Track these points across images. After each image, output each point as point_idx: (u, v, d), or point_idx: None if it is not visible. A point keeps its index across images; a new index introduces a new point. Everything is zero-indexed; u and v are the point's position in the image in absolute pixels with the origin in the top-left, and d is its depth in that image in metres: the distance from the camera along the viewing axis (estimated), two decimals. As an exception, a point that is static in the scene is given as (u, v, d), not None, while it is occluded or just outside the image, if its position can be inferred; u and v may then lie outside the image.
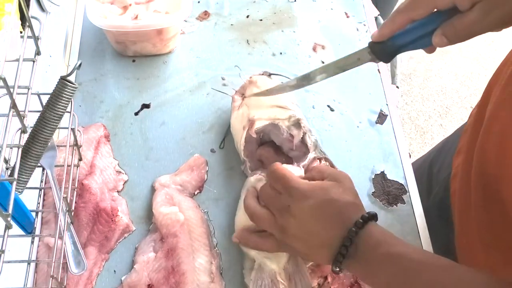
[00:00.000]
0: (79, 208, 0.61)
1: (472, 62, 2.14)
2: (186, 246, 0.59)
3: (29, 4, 0.66)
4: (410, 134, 1.97)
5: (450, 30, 0.48)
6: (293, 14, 0.88)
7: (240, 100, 0.68)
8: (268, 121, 0.63)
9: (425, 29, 0.51)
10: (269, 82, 0.68)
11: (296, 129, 0.63)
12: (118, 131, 0.72)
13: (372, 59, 0.55)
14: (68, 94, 0.44)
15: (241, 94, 0.69)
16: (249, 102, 0.66)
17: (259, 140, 0.66)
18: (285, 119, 0.63)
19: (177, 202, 0.64)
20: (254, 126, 0.63)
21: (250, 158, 0.65)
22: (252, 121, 0.64)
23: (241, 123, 0.65)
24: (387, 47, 0.54)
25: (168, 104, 0.75)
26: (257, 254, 0.59)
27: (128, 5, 0.75)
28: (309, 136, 0.64)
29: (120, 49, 0.78)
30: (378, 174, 0.71)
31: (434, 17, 0.50)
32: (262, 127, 0.63)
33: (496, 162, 0.54)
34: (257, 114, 0.64)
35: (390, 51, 0.54)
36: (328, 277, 0.60)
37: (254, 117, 0.64)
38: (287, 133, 0.63)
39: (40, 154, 0.45)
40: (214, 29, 0.85)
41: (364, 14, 0.90)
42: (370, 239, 0.48)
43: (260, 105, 0.65)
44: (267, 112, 0.64)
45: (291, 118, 0.63)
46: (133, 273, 0.59)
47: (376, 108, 0.78)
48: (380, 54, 0.54)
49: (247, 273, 0.60)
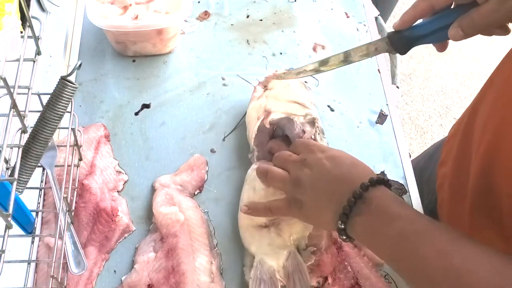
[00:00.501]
0: (79, 208, 0.61)
1: (472, 62, 2.14)
2: (186, 246, 0.59)
3: (29, 4, 0.67)
4: (410, 134, 1.97)
5: (466, 22, 0.49)
6: (293, 14, 0.88)
7: (262, 91, 0.69)
8: (284, 114, 0.64)
9: (443, 21, 0.52)
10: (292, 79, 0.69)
11: (310, 127, 0.64)
12: (118, 131, 0.72)
13: (389, 50, 0.56)
14: (68, 94, 0.44)
15: (263, 86, 0.70)
16: (269, 94, 0.67)
17: (272, 132, 0.67)
18: (301, 116, 0.64)
19: (177, 202, 0.64)
20: (270, 117, 0.64)
21: (260, 148, 0.66)
22: (269, 112, 0.65)
23: (257, 113, 0.66)
24: (405, 38, 0.55)
25: (168, 104, 0.75)
26: (257, 250, 0.59)
27: (128, 5, 0.75)
28: (322, 138, 0.65)
29: (120, 49, 0.78)
30: (378, 174, 0.71)
31: (453, 11, 0.51)
32: (277, 119, 0.64)
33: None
34: (274, 106, 0.65)
35: (407, 42, 0.55)
36: (329, 278, 0.60)
37: (271, 108, 0.65)
38: (299, 129, 0.64)
39: (40, 154, 0.45)
40: (214, 29, 0.85)
41: (364, 14, 0.90)
42: (382, 199, 0.48)
43: (279, 99, 0.66)
44: (285, 106, 0.65)
45: (307, 116, 0.65)
46: (133, 273, 0.59)
47: (376, 108, 0.78)
48: (398, 45, 0.55)
49: (247, 271, 0.60)
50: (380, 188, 0.49)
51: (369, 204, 0.48)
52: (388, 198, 0.48)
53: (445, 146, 0.73)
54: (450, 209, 0.66)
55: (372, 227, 0.47)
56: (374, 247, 0.49)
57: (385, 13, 1.50)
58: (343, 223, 0.49)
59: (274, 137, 0.67)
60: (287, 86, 0.68)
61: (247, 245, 0.60)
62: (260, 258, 0.59)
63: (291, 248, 0.59)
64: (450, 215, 0.66)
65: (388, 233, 0.46)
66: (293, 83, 0.69)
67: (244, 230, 0.61)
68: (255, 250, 0.59)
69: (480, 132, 0.57)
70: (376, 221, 0.47)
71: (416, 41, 0.55)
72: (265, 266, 0.58)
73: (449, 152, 0.69)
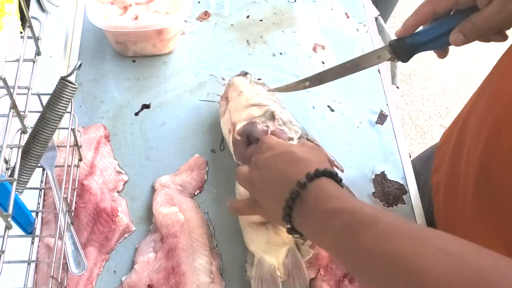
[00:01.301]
0: (79, 208, 0.61)
1: (472, 62, 2.14)
2: (186, 247, 0.59)
3: (29, 4, 0.66)
4: (410, 134, 1.97)
5: (468, 26, 0.49)
6: (293, 15, 0.88)
7: (225, 105, 0.68)
8: (246, 121, 0.64)
9: (444, 27, 0.52)
10: (243, 82, 0.68)
11: (270, 121, 0.64)
12: (118, 132, 0.72)
13: (392, 58, 0.56)
14: (68, 94, 0.44)
15: (225, 99, 0.69)
16: (230, 107, 0.67)
17: (246, 141, 0.66)
18: (261, 116, 0.64)
19: (177, 202, 0.64)
20: (236, 129, 0.64)
21: (243, 161, 0.65)
22: (234, 124, 0.65)
23: (227, 128, 0.67)
24: (407, 45, 0.55)
25: (168, 104, 0.75)
26: (257, 248, 0.59)
27: (128, 6, 0.75)
28: (289, 127, 0.64)
29: (120, 49, 0.78)
30: (378, 174, 0.71)
31: (454, 17, 0.52)
32: (242, 128, 0.64)
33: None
34: (236, 117, 0.65)
35: (409, 49, 0.55)
36: (320, 270, 0.61)
37: (234, 120, 0.65)
38: (263, 127, 0.63)
39: (40, 154, 0.45)
40: (214, 29, 0.85)
41: (364, 14, 0.90)
42: (321, 194, 0.46)
43: (238, 108, 0.66)
44: (244, 113, 0.65)
45: (266, 113, 0.64)
46: (133, 274, 0.59)
47: (376, 109, 0.78)
48: (400, 52, 0.55)
49: (249, 267, 0.60)
50: (318, 182, 0.47)
51: (307, 201, 0.46)
52: (325, 192, 0.46)
53: (437, 152, 0.73)
54: (447, 215, 0.66)
55: (313, 226, 0.46)
56: (322, 245, 0.48)
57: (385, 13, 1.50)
58: (289, 223, 0.48)
59: (250, 142, 0.66)
60: (241, 93, 0.67)
61: (247, 244, 0.61)
62: (260, 256, 0.59)
63: (290, 244, 0.60)
64: (447, 221, 0.66)
65: (329, 229, 0.44)
66: (244, 87, 0.67)
67: (243, 229, 0.62)
68: (254, 249, 0.60)
69: (475, 133, 0.57)
70: (316, 219, 0.45)
71: (418, 48, 0.55)
72: (265, 264, 0.58)
73: (443, 158, 0.69)
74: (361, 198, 0.69)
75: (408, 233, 0.38)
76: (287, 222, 0.48)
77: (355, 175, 0.71)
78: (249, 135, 0.65)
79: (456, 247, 0.36)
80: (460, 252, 0.35)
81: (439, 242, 0.37)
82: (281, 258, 0.59)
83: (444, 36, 0.52)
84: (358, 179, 0.70)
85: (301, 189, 0.47)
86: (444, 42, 0.53)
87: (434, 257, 0.35)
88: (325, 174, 0.48)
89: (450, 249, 0.35)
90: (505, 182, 0.50)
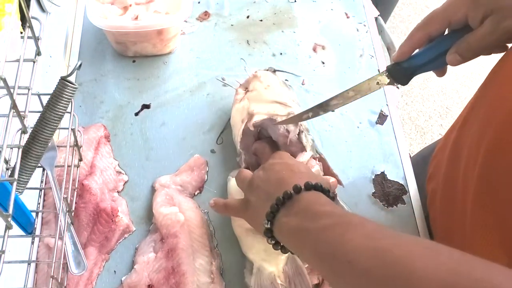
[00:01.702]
0: (79, 208, 0.61)
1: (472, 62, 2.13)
2: (186, 247, 0.59)
3: (29, 4, 0.66)
4: (410, 134, 1.97)
5: (463, 46, 0.50)
6: (293, 15, 0.88)
7: (243, 93, 0.69)
8: (267, 115, 0.64)
9: (440, 48, 0.52)
10: (273, 78, 0.69)
11: (293, 125, 0.64)
12: (118, 132, 0.72)
13: (391, 82, 0.57)
14: (68, 94, 0.44)
15: (244, 88, 0.70)
16: (251, 96, 0.67)
17: (257, 134, 0.67)
18: (283, 115, 0.64)
19: (177, 202, 0.64)
20: (253, 119, 0.64)
21: (246, 151, 0.66)
22: (251, 115, 0.64)
23: (240, 116, 0.66)
24: (405, 69, 0.55)
25: (168, 104, 0.75)
26: (255, 256, 0.59)
27: (128, 6, 0.75)
28: (306, 135, 0.65)
29: (120, 49, 0.78)
30: (378, 174, 0.71)
31: (449, 37, 0.52)
32: (260, 121, 0.64)
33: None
34: (256, 108, 0.65)
35: (407, 73, 0.55)
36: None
37: (253, 110, 0.65)
38: (283, 129, 0.64)
39: (40, 154, 0.45)
40: (214, 29, 0.85)
41: (364, 14, 0.90)
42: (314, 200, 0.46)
43: (261, 100, 0.66)
44: (267, 107, 0.65)
45: (289, 115, 0.64)
46: (133, 274, 0.59)
47: (376, 109, 0.78)
48: (398, 76, 0.56)
49: (247, 273, 0.60)
50: (314, 192, 0.47)
51: (298, 204, 0.46)
52: (320, 200, 0.46)
53: (432, 161, 0.72)
54: (444, 225, 0.64)
55: (298, 225, 0.45)
56: (298, 246, 0.46)
57: (385, 13, 1.50)
58: (270, 223, 0.47)
59: (260, 138, 0.67)
60: (268, 87, 0.67)
61: (245, 252, 0.60)
62: (259, 264, 0.58)
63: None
64: (445, 231, 0.64)
65: (313, 228, 0.43)
66: (273, 83, 0.68)
67: (239, 236, 0.61)
68: (253, 257, 0.59)
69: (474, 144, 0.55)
70: (302, 219, 0.45)
71: (415, 71, 0.55)
72: (265, 272, 0.58)
73: (437, 168, 0.68)
74: (361, 198, 0.69)
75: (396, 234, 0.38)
76: (268, 222, 0.47)
77: (355, 175, 0.71)
78: (262, 130, 0.65)
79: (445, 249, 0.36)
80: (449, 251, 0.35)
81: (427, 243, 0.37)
82: (280, 265, 0.58)
83: (441, 57, 0.52)
84: (358, 179, 0.70)
85: (295, 193, 0.47)
86: (441, 63, 0.53)
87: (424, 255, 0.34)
88: (323, 190, 0.48)
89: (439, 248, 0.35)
90: (508, 194, 0.49)
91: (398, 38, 2.15)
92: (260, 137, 0.67)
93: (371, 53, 0.85)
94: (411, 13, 2.26)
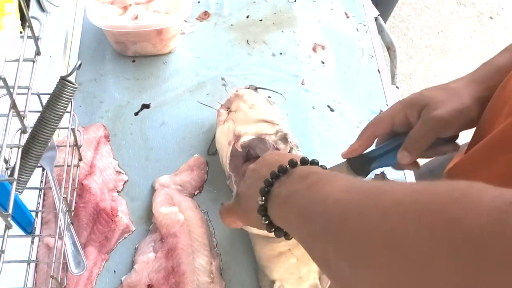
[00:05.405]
0: (79, 208, 0.61)
1: (472, 62, 2.14)
2: (186, 247, 0.59)
3: (29, 4, 0.67)
4: (410, 134, 1.97)
5: (408, 141, 0.52)
6: (293, 15, 0.88)
7: (226, 114, 0.67)
8: (255, 135, 0.62)
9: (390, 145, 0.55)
10: (257, 96, 0.67)
11: (283, 144, 0.62)
12: (118, 131, 0.72)
13: (352, 173, 0.57)
14: (68, 94, 0.44)
15: (226, 108, 0.68)
16: (235, 117, 0.65)
17: (245, 155, 0.65)
18: (272, 134, 0.63)
19: (177, 202, 0.64)
20: (240, 141, 0.62)
21: (236, 173, 0.64)
22: (239, 136, 0.63)
23: (226, 138, 0.64)
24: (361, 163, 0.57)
25: (168, 104, 0.75)
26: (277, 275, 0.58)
27: (128, 5, 0.75)
28: (296, 152, 0.63)
29: (120, 49, 0.78)
30: (378, 174, 0.71)
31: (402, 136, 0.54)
32: (248, 142, 0.62)
33: None
34: (244, 129, 0.63)
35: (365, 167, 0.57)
36: None
37: (240, 131, 0.63)
38: (273, 148, 0.62)
39: (40, 154, 0.45)
40: (214, 29, 0.85)
41: (364, 14, 0.90)
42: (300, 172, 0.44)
43: (247, 121, 0.64)
44: (254, 127, 0.63)
45: (278, 133, 0.63)
46: (133, 273, 0.59)
47: (376, 109, 0.78)
48: (357, 168, 0.57)
49: None
50: (310, 166, 0.45)
51: (293, 175, 0.44)
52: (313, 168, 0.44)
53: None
54: None
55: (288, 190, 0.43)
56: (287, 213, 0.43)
57: (385, 13, 1.50)
58: (264, 199, 0.45)
59: (248, 159, 0.66)
60: (253, 106, 0.65)
61: (268, 272, 0.59)
62: (281, 284, 0.58)
63: (315, 280, 0.58)
64: None
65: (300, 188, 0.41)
66: (258, 101, 0.66)
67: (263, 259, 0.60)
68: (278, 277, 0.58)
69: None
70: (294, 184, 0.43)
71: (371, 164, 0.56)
72: None
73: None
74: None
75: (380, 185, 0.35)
76: (262, 197, 0.45)
77: (355, 175, 0.71)
78: (250, 151, 0.64)
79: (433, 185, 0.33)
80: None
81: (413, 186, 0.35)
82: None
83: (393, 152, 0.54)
84: (358, 179, 0.70)
85: (290, 167, 0.45)
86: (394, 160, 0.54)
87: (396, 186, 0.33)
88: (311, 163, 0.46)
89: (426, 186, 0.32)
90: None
91: (398, 38, 2.15)
92: (249, 158, 0.66)
93: (371, 53, 0.85)
94: (411, 13, 2.26)
